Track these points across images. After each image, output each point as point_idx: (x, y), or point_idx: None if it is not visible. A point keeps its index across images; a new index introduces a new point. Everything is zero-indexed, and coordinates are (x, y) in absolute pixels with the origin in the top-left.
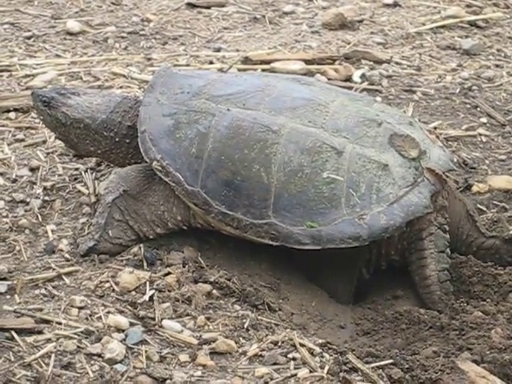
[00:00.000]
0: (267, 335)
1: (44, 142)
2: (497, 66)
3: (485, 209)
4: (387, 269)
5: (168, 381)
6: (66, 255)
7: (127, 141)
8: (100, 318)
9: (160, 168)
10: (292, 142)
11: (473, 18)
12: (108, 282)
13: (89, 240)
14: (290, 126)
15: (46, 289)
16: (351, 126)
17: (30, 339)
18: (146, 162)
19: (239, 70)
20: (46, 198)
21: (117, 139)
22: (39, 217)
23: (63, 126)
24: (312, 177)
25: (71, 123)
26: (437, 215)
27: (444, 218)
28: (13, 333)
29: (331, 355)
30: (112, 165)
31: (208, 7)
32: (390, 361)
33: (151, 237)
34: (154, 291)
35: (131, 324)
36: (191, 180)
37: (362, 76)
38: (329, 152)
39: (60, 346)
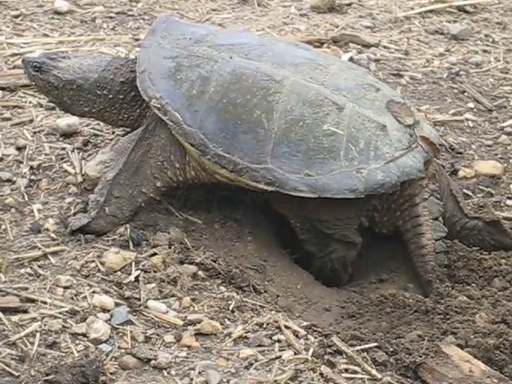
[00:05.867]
0: (252, 317)
1: (31, 121)
2: (484, 51)
3: (471, 194)
4: (373, 252)
5: (153, 361)
6: (52, 234)
7: (121, 97)
8: (85, 297)
9: (159, 106)
10: (294, 93)
11: (461, 2)
12: (94, 261)
13: (84, 217)
14: (292, 78)
15: (31, 268)
16: (351, 87)
17: (15, 318)
18: (140, 123)
19: None
20: (33, 177)
21: (110, 96)
22: (25, 196)
23: (56, 88)
24: (313, 127)
25: (63, 85)
26: (428, 182)
27: (435, 184)
28: None
29: (316, 338)
30: (107, 125)
31: None
32: (375, 344)
33: (152, 195)
34: (139, 272)
35: (116, 304)
36: (190, 120)
37: (350, 59)
38: (330, 106)
39: (45, 325)
